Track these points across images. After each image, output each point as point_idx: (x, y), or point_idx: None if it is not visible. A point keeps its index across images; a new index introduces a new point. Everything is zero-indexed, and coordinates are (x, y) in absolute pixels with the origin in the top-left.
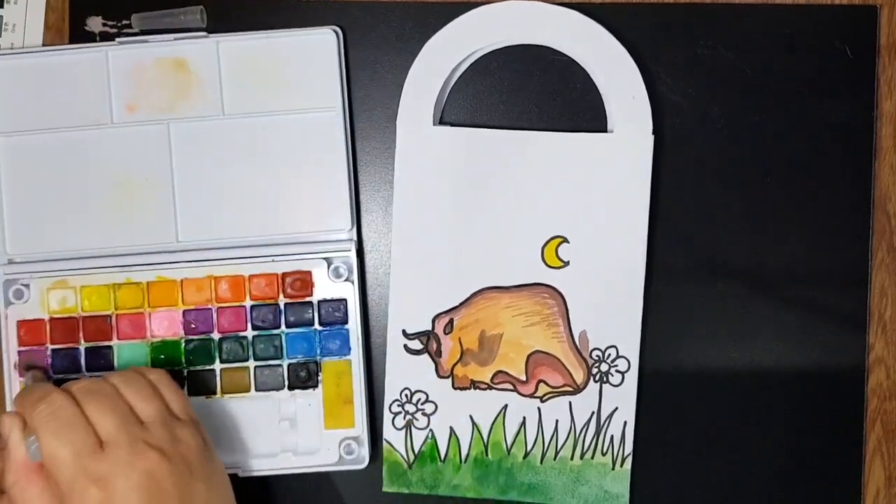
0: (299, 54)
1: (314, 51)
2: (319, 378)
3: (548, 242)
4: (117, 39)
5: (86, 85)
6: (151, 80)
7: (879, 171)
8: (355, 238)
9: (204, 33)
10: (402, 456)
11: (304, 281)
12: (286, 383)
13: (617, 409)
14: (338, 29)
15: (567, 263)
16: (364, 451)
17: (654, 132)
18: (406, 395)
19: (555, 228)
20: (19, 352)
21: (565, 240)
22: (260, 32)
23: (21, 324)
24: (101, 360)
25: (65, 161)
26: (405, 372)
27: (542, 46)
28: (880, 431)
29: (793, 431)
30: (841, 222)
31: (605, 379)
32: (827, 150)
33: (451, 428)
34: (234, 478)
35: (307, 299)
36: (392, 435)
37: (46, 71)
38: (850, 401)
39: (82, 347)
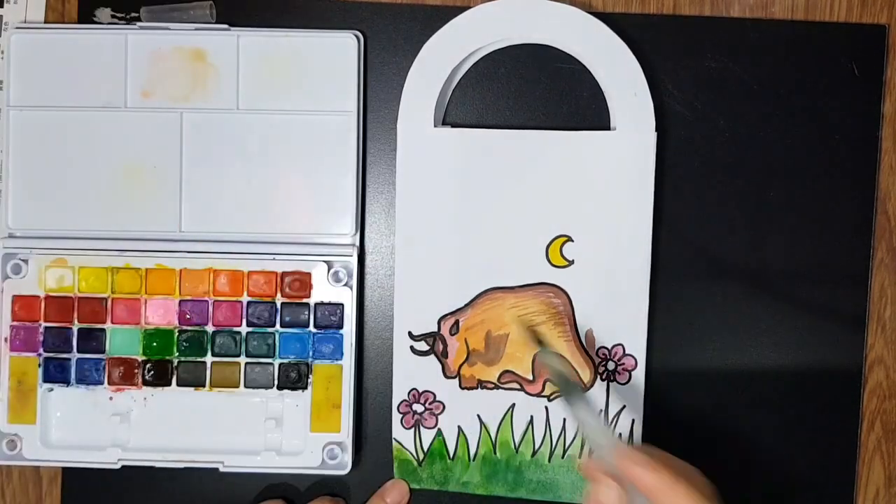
0: (319, 55)
1: (334, 53)
2: (309, 380)
3: (552, 242)
4: (138, 24)
5: (102, 67)
6: (168, 68)
7: (880, 171)
8: (357, 244)
9: (226, 26)
10: (411, 454)
11: (302, 282)
12: (276, 382)
13: (624, 407)
14: (359, 34)
15: (572, 262)
16: (347, 457)
17: (659, 137)
18: (414, 396)
19: (559, 227)
20: (11, 326)
21: (570, 239)
22: (281, 30)
23: (16, 299)
24: (93, 343)
25: (75, 141)
26: (412, 373)
27: (542, 45)
28: (880, 431)
29: (793, 430)
30: (841, 222)
31: (612, 377)
32: (828, 152)
33: (460, 427)
34: (214, 472)
35: (304, 300)
36: (401, 434)
37: (64, 49)
38: (849, 400)
39: (75, 328)
